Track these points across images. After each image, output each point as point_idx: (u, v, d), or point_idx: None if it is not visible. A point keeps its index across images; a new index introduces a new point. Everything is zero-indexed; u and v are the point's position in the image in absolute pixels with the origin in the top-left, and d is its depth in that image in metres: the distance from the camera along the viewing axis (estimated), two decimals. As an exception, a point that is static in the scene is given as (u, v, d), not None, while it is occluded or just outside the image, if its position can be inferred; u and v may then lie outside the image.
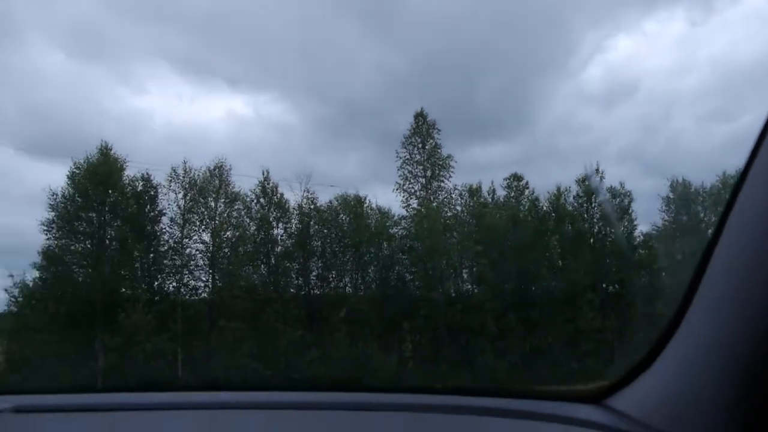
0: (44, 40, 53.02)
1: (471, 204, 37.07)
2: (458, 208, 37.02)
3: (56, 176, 27.99)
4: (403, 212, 35.50)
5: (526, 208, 36.61)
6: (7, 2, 49.45)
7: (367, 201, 33.57)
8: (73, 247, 27.53)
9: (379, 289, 32.40)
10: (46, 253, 27.34)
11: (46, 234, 27.30)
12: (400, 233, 34.98)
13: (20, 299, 28.92)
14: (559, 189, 35.26)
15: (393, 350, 31.47)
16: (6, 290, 28.25)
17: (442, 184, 36.79)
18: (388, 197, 46.83)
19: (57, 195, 27.09)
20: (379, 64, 53.44)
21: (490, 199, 37.30)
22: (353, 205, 33.10)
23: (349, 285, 33.52)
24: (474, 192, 37.28)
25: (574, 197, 35.49)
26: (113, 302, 27.63)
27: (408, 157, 36.64)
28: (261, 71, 54.18)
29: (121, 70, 54.94)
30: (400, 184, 36.02)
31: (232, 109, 58.67)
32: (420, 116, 37.20)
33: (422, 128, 37.23)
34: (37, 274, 27.87)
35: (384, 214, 35.23)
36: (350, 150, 52.40)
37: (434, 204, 35.41)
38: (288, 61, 55.90)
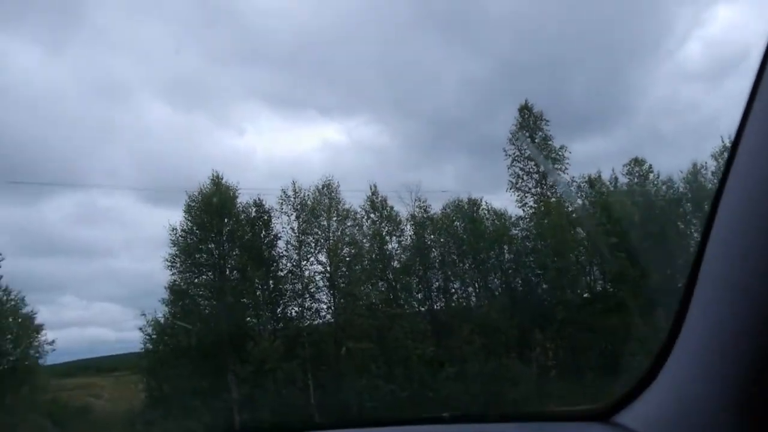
0: (150, 96, 56.39)
1: (592, 195, 34.16)
2: (579, 201, 34.23)
3: (174, 220, 29.19)
4: (520, 212, 33.26)
5: (653, 192, 33.24)
6: (117, 67, 53.10)
7: (483, 203, 31.54)
8: (196, 280, 27.59)
9: (506, 296, 30.14)
10: (172, 288, 27.56)
11: (171, 269, 27.57)
12: (520, 234, 32.64)
13: (153, 336, 29.32)
14: (695, 166, 31.57)
15: (531, 360, 28.93)
16: (140, 329, 28.77)
17: (558, 178, 34.17)
18: (500, 201, 45.09)
19: (176, 230, 27.33)
20: (464, 74, 52.02)
21: (612, 188, 34.22)
22: (468, 209, 31.21)
23: (473, 294, 31.50)
24: (594, 182, 34.32)
25: (713, 173, 31.67)
26: (240, 332, 27.32)
27: (517, 153, 34.36)
28: (349, 96, 54.48)
29: (220, 114, 57.36)
30: (512, 183, 33.74)
31: (326, 138, 59.37)
32: (525, 109, 34.82)
33: (529, 121, 34.84)
34: (166, 309, 28.18)
35: (500, 215, 33.07)
36: (444, 163, 51.05)
37: (553, 199, 32.84)
38: (374, 82, 55.72)
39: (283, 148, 56.70)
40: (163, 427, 27.31)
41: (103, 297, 57.75)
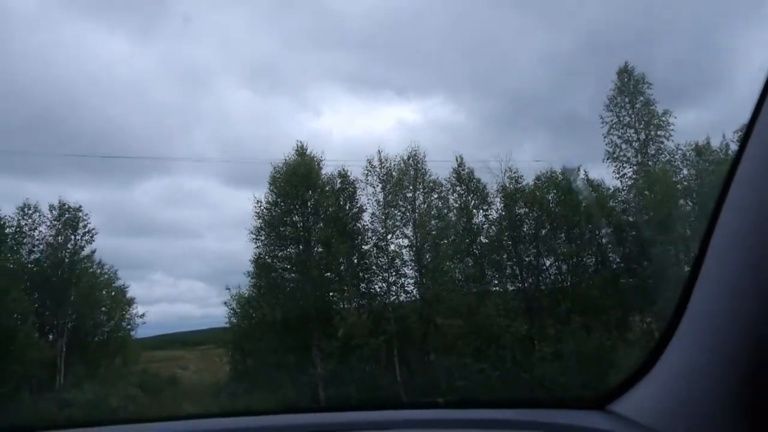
0: (231, 82, 57.60)
1: (700, 165, 31.03)
2: (685, 171, 31.20)
3: (258, 196, 29.57)
4: (617, 183, 30.71)
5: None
6: (198, 54, 54.21)
7: (581, 172, 29.22)
8: (281, 253, 27.03)
9: (606, 273, 27.84)
10: (257, 261, 27.18)
11: (255, 242, 27.15)
12: (618, 207, 30.11)
13: (238, 310, 29.19)
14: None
15: (636, 341, 26.64)
16: (225, 303, 28.71)
17: (662, 146, 31.24)
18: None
19: (261, 202, 26.83)
20: (543, 48, 49.38)
21: (723, 157, 30.93)
22: (562, 180, 29.00)
23: (567, 270, 29.35)
24: (701, 150, 31.14)
25: None
26: (325, 306, 26.66)
27: (616, 120, 31.65)
28: (425, 76, 53.44)
29: (298, 97, 57.86)
30: (609, 153, 31.18)
31: (402, 118, 58.39)
32: (624, 72, 31.98)
33: (628, 85, 31.98)
34: (250, 283, 27.90)
35: (597, 187, 30.65)
36: (523, 141, 48.69)
37: (656, 169, 30.04)
38: (450, 62, 54.21)
39: (359, 129, 56.35)
40: (246, 400, 27.10)
41: (189, 275, 59.93)
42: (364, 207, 27.79)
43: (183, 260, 54.82)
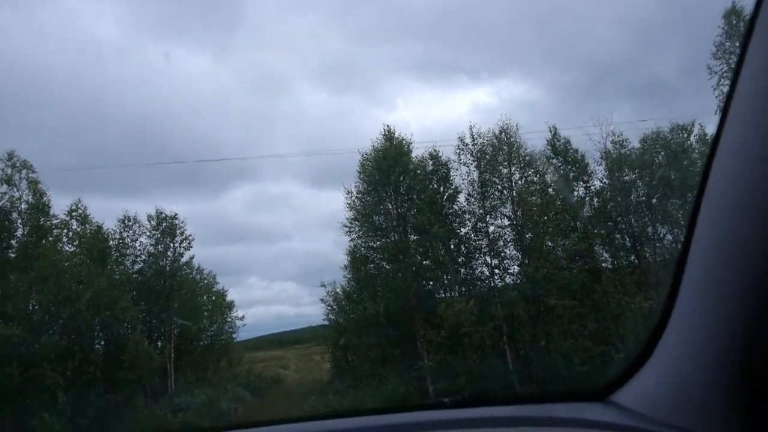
0: (306, 84, 58.21)
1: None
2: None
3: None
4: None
5: None
6: (272, 61, 55.11)
7: (695, 128, 26.43)
8: (377, 243, 26.03)
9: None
10: (353, 253, 26.37)
11: (349, 234, 26.32)
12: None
13: (335, 306, 28.53)
14: None
15: None
16: (322, 300, 28.09)
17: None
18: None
19: (352, 192, 25.94)
20: (619, 14, 45.86)
21: None
22: (673, 138, 26.31)
23: (682, 237, 26.61)
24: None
25: None
26: (427, 295, 25.48)
27: (726, 68, 28.41)
28: (497, 56, 51.63)
29: (372, 92, 57.79)
30: (722, 105, 28.08)
31: (477, 101, 56.62)
32: (732, 14, 28.65)
33: (738, 28, 28.64)
34: (347, 277, 27.13)
35: (707, 142, 27.64)
36: (605, 111, 45.54)
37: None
38: (521, 37, 51.96)
39: (435, 118, 55.26)
40: (353, 397, 26.34)
41: (282, 277, 61.32)
42: (459, 188, 26.31)
43: (274, 262, 56.05)
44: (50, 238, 27.26)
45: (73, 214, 28.85)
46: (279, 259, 55.24)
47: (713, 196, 1.35)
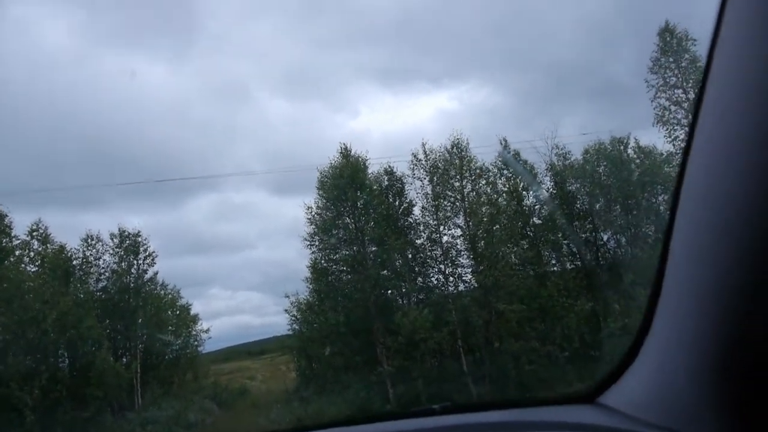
0: (268, 92, 59.47)
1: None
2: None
3: (307, 202, 30.87)
4: (669, 147, 30.43)
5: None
6: (232, 68, 56.21)
7: (631, 140, 29.15)
8: (336, 256, 27.99)
9: (662, 238, 27.68)
10: (314, 267, 28.22)
11: (310, 248, 28.20)
12: (674, 172, 29.83)
13: (299, 316, 30.29)
14: None
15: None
16: (286, 310, 29.83)
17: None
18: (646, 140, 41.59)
19: (312, 208, 27.85)
20: (577, 14, 48.74)
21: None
22: (612, 150, 28.98)
23: (627, 242, 29.34)
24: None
25: None
26: (385, 304, 27.52)
27: (662, 82, 31.33)
28: (458, 61, 53.95)
29: (334, 99, 59.28)
30: (658, 116, 30.92)
31: (439, 106, 59.03)
32: (666, 32, 31.58)
33: (671, 44, 31.59)
34: (309, 288, 28.96)
35: (648, 153, 30.44)
36: (566, 115, 48.47)
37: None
38: (481, 41, 54.52)
39: (397, 124, 57.19)
40: (318, 404, 28.14)
41: (245, 286, 62.21)
42: (414, 201, 28.51)
43: (238, 272, 57.04)
44: (12, 259, 28.33)
45: (34, 234, 29.92)
46: (242, 268, 56.40)
47: (689, 200, 1.37)
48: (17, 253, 28.92)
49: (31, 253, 29.74)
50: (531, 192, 29.98)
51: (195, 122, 55.22)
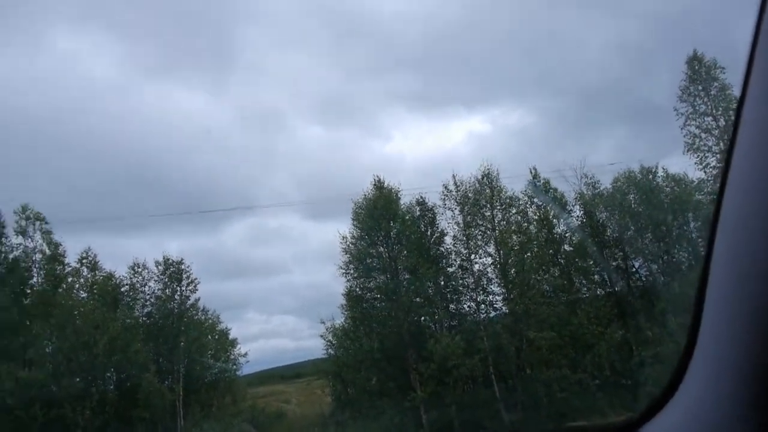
0: (303, 120, 61.67)
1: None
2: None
3: (341, 230, 32.29)
4: (700, 175, 30.93)
5: None
6: (269, 98, 58.61)
7: (660, 169, 29.81)
8: (370, 284, 29.22)
9: (699, 267, 28.09)
10: (349, 294, 29.49)
11: (345, 276, 29.52)
12: (705, 199, 30.30)
13: (334, 342, 31.51)
14: None
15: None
16: (321, 336, 31.11)
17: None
18: (676, 166, 41.65)
19: (347, 238, 29.21)
20: (610, 37, 49.62)
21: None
22: (642, 179, 29.66)
23: (658, 271, 29.84)
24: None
25: None
26: (418, 330, 28.57)
27: (691, 110, 31.93)
28: (490, 85, 54.87)
29: (368, 125, 61.02)
30: (689, 144, 31.48)
31: (471, 130, 60.35)
32: (695, 60, 32.27)
33: (699, 73, 32.24)
34: (344, 315, 30.21)
35: (679, 181, 30.99)
36: (599, 137, 49.08)
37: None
38: (514, 66, 55.47)
39: (430, 147, 58.58)
40: (353, 429, 29.17)
41: (281, 310, 63.82)
42: (445, 231, 29.64)
43: (273, 296, 58.70)
44: (64, 286, 30.36)
45: (84, 261, 32.00)
46: (277, 292, 58.13)
47: (727, 229, 1.37)
48: (69, 280, 31.01)
49: (81, 280, 31.81)
50: (561, 221, 30.80)
51: (233, 149, 57.68)
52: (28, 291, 29.80)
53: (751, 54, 1.33)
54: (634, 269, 29.86)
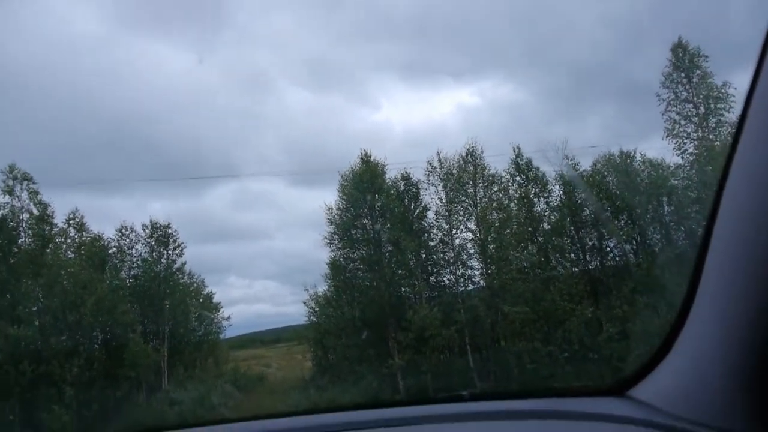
0: (290, 83, 61.89)
1: None
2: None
3: (325, 199, 33.28)
4: (678, 160, 32.48)
5: None
6: (256, 59, 58.69)
7: (638, 154, 31.32)
8: (354, 255, 30.67)
9: (669, 252, 29.92)
10: (333, 264, 30.94)
11: (330, 246, 30.93)
12: (680, 184, 31.93)
13: (317, 309, 33.08)
14: None
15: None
16: (304, 303, 32.66)
17: (722, 119, 32.70)
18: (655, 150, 43.04)
19: (332, 209, 30.53)
20: (603, 14, 50.24)
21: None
22: (620, 162, 31.16)
23: (631, 252, 31.59)
24: None
25: None
26: (398, 301, 30.17)
27: (673, 96, 33.31)
28: (481, 56, 55.44)
29: (356, 92, 61.34)
30: (668, 129, 32.93)
31: (461, 102, 61.01)
32: (679, 47, 33.52)
33: (683, 60, 33.54)
34: (327, 284, 31.71)
35: (656, 166, 32.53)
36: (588, 114, 50.16)
37: (717, 143, 31.64)
38: (505, 38, 56.09)
39: (419, 117, 59.25)
40: (332, 392, 30.90)
41: (263, 275, 65.01)
42: (428, 206, 31.05)
43: (256, 261, 59.83)
44: (52, 247, 31.36)
45: (71, 222, 32.97)
46: (260, 257, 59.26)
47: (730, 199, 1.40)
48: (57, 240, 32.00)
49: (68, 241, 32.84)
50: (579, 193, 31.65)
51: (218, 110, 57.99)
52: (16, 250, 30.64)
53: (765, 43, 1.34)
54: (608, 249, 31.56)
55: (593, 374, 26.79)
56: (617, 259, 31.47)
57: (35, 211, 31.23)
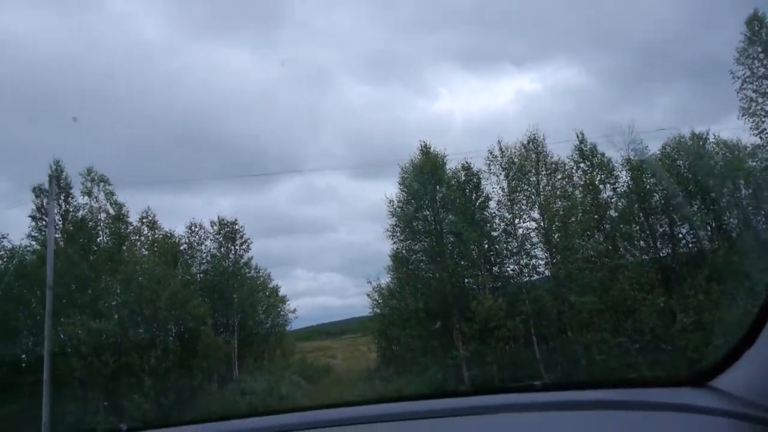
0: (351, 78, 62.96)
1: None
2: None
3: (385, 192, 33.47)
4: (756, 140, 31.01)
5: None
6: (316, 56, 59.96)
7: (711, 136, 30.15)
8: (416, 246, 30.99)
9: (748, 237, 28.72)
10: (395, 256, 31.38)
11: (392, 239, 31.38)
12: (758, 165, 30.52)
13: (380, 301, 33.62)
14: None
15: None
16: (368, 295, 33.25)
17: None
18: (730, 131, 41.02)
19: (393, 202, 30.93)
20: None
21: None
22: (692, 145, 30.08)
23: (705, 238, 30.49)
24: None
25: None
26: (462, 292, 30.28)
27: (749, 73, 31.77)
28: (542, 41, 54.53)
29: (416, 83, 61.81)
30: (744, 108, 31.44)
31: (521, 89, 60.15)
32: (755, 20, 31.90)
33: (760, 34, 31.91)
34: (390, 276, 32.20)
35: (732, 147, 31.20)
36: (656, 95, 48.38)
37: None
38: (566, 19, 54.78)
39: (478, 106, 58.95)
40: (398, 383, 31.38)
41: (327, 268, 66.68)
42: (490, 195, 30.93)
43: (320, 254, 61.27)
44: (127, 244, 33.19)
45: (144, 220, 34.75)
46: (324, 250, 60.58)
47: None
48: (132, 238, 33.84)
49: (142, 238, 34.66)
50: (652, 173, 30.67)
51: (281, 107, 59.58)
52: (95, 248, 32.61)
53: None
54: (680, 236, 30.57)
55: (667, 365, 26.13)
56: (691, 245, 30.46)
57: (112, 211, 33.11)
